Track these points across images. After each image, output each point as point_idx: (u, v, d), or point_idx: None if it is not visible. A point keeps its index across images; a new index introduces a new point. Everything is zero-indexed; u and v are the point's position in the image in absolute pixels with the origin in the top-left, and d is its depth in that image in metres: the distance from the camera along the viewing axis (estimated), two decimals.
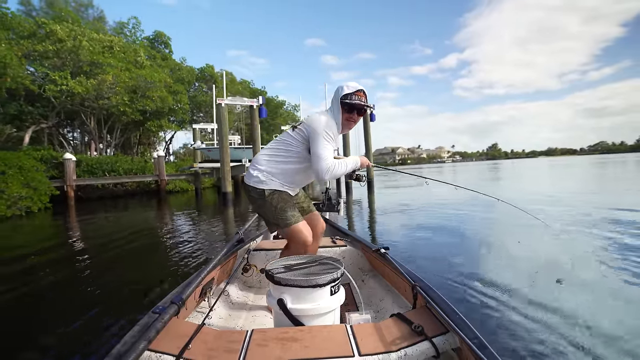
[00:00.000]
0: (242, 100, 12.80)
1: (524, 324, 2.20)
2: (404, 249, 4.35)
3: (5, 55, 11.18)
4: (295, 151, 1.78)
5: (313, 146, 1.72)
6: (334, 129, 1.76)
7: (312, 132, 1.72)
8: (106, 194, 17.83)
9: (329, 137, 1.72)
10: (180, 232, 6.76)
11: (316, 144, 1.71)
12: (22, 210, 10.29)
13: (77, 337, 2.44)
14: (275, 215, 1.79)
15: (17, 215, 10.09)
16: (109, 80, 16.86)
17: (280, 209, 1.78)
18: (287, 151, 1.80)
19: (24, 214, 10.31)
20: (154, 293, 3.10)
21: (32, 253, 5.23)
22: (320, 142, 1.70)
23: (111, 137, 23.06)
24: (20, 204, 10.19)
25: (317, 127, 1.72)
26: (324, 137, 1.70)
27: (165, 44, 29.87)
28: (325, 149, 1.71)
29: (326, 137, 1.71)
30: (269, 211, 1.80)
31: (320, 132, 1.71)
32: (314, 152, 1.72)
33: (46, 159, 15.18)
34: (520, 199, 9.10)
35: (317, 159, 1.71)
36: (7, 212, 9.63)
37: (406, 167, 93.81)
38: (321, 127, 1.71)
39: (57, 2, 25.51)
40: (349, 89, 1.78)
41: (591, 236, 4.49)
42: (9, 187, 10.03)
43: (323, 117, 1.76)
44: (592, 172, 21.78)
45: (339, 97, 1.78)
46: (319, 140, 1.71)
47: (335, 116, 1.80)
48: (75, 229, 7.79)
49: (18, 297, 3.38)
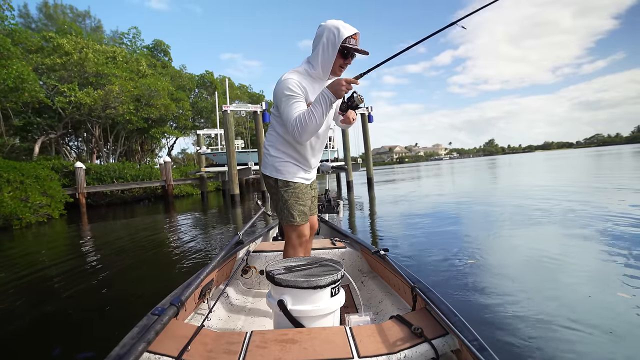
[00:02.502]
0: (247, 107, 13.44)
1: (524, 325, 2.18)
2: (403, 249, 4.38)
3: (22, 70, 11.80)
4: (282, 122, 1.66)
5: (281, 111, 1.58)
6: (300, 84, 1.55)
7: (277, 96, 1.58)
8: (114, 200, 18.38)
9: (292, 92, 1.53)
10: (194, 233, 7.21)
11: (280, 110, 1.58)
12: (45, 217, 10.89)
13: (87, 336, 2.51)
14: (282, 208, 1.72)
15: (40, 221, 10.69)
16: (115, 90, 17.47)
17: (289, 204, 1.71)
18: (279, 125, 1.68)
19: (45, 221, 10.92)
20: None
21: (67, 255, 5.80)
22: (284, 103, 1.54)
23: (115, 145, 23.65)
24: (41, 211, 10.78)
25: (276, 93, 1.57)
26: (287, 98, 1.54)
27: (164, 52, 30.47)
28: (288, 108, 1.53)
29: (287, 96, 1.54)
30: (278, 203, 1.75)
31: (280, 96, 1.55)
32: (282, 117, 1.58)
33: (57, 168, 15.77)
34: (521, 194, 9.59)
35: (287, 123, 1.56)
36: (32, 218, 10.23)
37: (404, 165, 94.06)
38: (279, 90, 1.55)
39: (56, 14, 26.13)
40: (346, 30, 1.51)
41: (597, 233, 4.40)
42: (30, 195, 10.63)
43: (283, 76, 1.57)
44: (588, 164, 22.11)
45: (337, 40, 1.51)
46: (281, 105, 1.56)
47: (324, 62, 1.57)
48: (92, 234, 8.28)
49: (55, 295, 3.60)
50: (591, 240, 4.12)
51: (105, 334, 2.48)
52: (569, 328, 2.12)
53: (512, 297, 2.64)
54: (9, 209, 9.52)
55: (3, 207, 9.38)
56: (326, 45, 1.54)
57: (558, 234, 4.60)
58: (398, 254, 4.15)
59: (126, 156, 26.02)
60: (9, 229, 9.43)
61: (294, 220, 1.72)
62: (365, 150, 17.99)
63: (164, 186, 18.30)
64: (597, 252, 3.67)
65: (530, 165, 28.61)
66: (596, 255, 3.59)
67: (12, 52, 12.12)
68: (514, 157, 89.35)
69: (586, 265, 3.28)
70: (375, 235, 5.63)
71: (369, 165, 17.36)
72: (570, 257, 3.56)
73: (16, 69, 11.53)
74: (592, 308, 2.40)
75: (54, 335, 2.54)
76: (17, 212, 9.70)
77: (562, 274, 3.08)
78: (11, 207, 9.59)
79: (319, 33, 1.56)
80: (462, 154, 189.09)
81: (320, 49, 1.56)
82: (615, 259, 3.35)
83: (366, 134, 17.41)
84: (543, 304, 2.48)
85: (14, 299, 3.53)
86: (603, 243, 3.94)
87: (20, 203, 10.06)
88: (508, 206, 7.09)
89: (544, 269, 3.24)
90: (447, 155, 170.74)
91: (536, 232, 4.81)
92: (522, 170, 22.99)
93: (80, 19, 28.57)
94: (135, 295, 3.38)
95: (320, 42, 1.56)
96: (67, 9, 27.53)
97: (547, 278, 3.00)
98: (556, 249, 3.85)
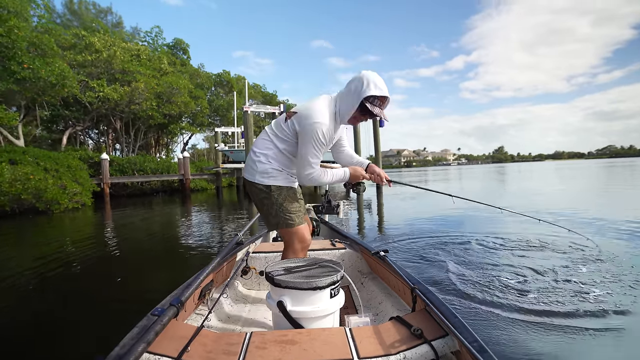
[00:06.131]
0: (265, 108, 14.26)
1: (524, 327, 2.18)
2: (404, 249, 4.40)
3: (64, 69, 12.80)
4: (291, 142, 1.66)
5: (301, 146, 1.60)
6: (330, 133, 1.59)
7: (304, 133, 1.57)
8: (135, 192, 19.30)
9: (321, 144, 1.57)
10: (215, 225, 7.78)
11: (305, 146, 1.59)
12: (79, 203, 11.85)
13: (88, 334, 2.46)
14: (278, 212, 1.69)
15: (75, 207, 11.66)
16: (140, 87, 18.47)
17: (285, 207, 1.69)
18: (284, 141, 1.66)
19: (79, 207, 11.88)
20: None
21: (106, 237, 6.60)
22: (309, 147, 1.57)
23: (135, 138, 24.71)
24: (75, 198, 11.74)
25: (309, 131, 1.55)
26: (313, 145, 1.56)
27: (183, 51, 31.53)
28: (312, 155, 1.59)
29: (316, 145, 1.57)
30: (272, 208, 1.69)
31: (311, 138, 1.55)
32: (300, 152, 1.61)
33: (84, 159, 16.79)
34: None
35: (301, 161, 1.61)
36: (70, 204, 11.19)
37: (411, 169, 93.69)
38: (314, 133, 1.54)
39: (80, 10, 27.31)
40: (377, 90, 1.53)
41: (600, 237, 4.46)
42: (66, 183, 11.59)
43: (319, 117, 1.55)
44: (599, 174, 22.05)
45: (361, 94, 1.53)
46: (308, 145, 1.57)
47: (344, 108, 1.59)
48: (121, 220, 9.09)
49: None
50: (591, 242, 4.12)
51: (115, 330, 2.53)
52: (569, 329, 2.12)
53: (512, 298, 2.64)
54: (51, 195, 10.47)
55: (46, 193, 10.33)
56: (352, 92, 1.57)
57: (560, 236, 4.66)
58: (399, 254, 4.19)
59: (143, 150, 27.10)
60: (49, 213, 10.42)
61: (292, 222, 1.71)
62: (375, 154, 18.68)
63: (181, 180, 19.21)
64: (598, 254, 3.67)
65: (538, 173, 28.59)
66: (598, 256, 3.58)
67: (55, 51, 13.14)
68: (522, 165, 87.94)
69: (586, 266, 3.29)
70: (382, 233, 5.69)
71: None
72: (569, 257, 3.60)
73: (58, 67, 12.55)
74: (592, 309, 2.37)
75: (52, 336, 2.46)
76: (58, 198, 10.66)
77: (563, 276, 3.08)
78: (53, 193, 10.54)
79: (354, 78, 1.60)
80: (470, 160, 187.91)
81: (346, 93, 1.59)
82: (623, 261, 3.38)
83: (377, 137, 18.08)
84: (543, 305, 2.47)
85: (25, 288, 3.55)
86: (605, 246, 3.94)
87: (59, 190, 11.01)
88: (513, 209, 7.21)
89: (544, 270, 3.24)
90: (455, 161, 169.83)
91: (537, 234, 4.88)
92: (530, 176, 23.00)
93: (102, 14, 29.81)
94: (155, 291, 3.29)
95: (349, 87, 1.59)
96: (91, 5, 28.83)
97: (547, 280, 3.01)
98: (557, 251, 3.88)
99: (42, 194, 10.26)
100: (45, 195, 10.29)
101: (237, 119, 22.55)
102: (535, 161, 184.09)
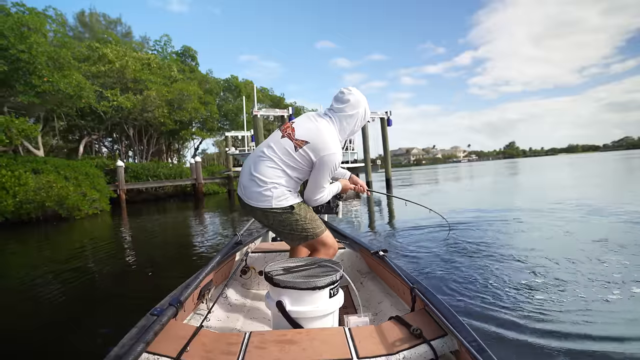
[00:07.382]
0: (275, 111, 14.54)
1: (524, 327, 2.19)
2: (403, 250, 4.40)
3: (81, 80, 13.33)
4: (304, 170, 1.68)
5: (317, 174, 1.67)
6: (340, 160, 1.72)
7: (322, 164, 1.63)
8: (149, 197, 19.86)
9: (335, 170, 1.69)
10: (228, 226, 8.08)
11: (321, 174, 1.67)
12: (98, 209, 12.31)
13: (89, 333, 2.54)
14: (304, 226, 1.70)
15: (94, 213, 12.12)
16: (152, 95, 18.98)
17: (309, 218, 1.72)
18: (296, 170, 1.67)
19: (98, 213, 12.33)
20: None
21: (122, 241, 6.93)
22: (325, 175, 1.67)
23: (148, 145, 25.33)
24: (95, 204, 12.20)
25: (328, 162, 1.63)
26: (329, 173, 1.68)
27: (192, 58, 32.15)
28: (326, 181, 1.70)
29: (331, 172, 1.68)
30: (297, 225, 1.69)
31: (329, 168, 1.65)
32: (316, 180, 1.69)
33: (100, 166, 17.34)
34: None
35: (314, 187, 1.71)
36: (90, 210, 11.66)
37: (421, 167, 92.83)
38: (332, 164, 1.64)
39: (91, 22, 28.15)
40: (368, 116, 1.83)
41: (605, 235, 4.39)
42: (86, 191, 12.07)
43: (335, 148, 1.64)
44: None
45: (365, 118, 1.77)
46: (325, 174, 1.67)
47: (349, 130, 1.74)
48: (137, 225, 9.43)
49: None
50: (595, 241, 4.12)
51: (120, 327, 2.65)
52: (569, 330, 2.13)
53: (511, 298, 2.63)
54: (72, 202, 10.93)
55: (68, 200, 10.79)
56: (360, 120, 1.74)
57: (561, 235, 4.68)
58: (399, 254, 4.18)
59: (155, 156, 27.73)
60: (71, 220, 10.88)
61: (320, 229, 1.75)
62: (384, 153, 18.82)
63: (194, 184, 19.65)
64: (603, 254, 3.62)
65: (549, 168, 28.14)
66: (602, 257, 3.52)
67: (73, 63, 13.68)
68: (534, 160, 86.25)
69: (586, 267, 3.26)
70: (385, 234, 5.77)
71: (387, 167, 18.19)
72: (570, 257, 3.55)
73: (75, 79, 13.08)
74: (592, 310, 2.37)
75: (54, 335, 2.54)
76: (79, 205, 11.12)
77: (562, 275, 3.07)
78: (74, 200, 11.00)
79: (357, 103, 1.71)
80: (481, 156, 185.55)
81: (354, 120, 1.72)
82: (623, 261, 3.36)
83: (385, 137, 18.22)
84: (543, 306, 2.47)
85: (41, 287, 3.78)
86: (608, 247, 3.90)
87: (80, 197, 11.47)
88: (516, 210, 7.13)
89: (544, 270, 3.23)
90: (465, 158, 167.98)
91: (537, 234, 4.87)
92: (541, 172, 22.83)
93: (112, 25, 30.69)
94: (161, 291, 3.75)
95: (356, 114, 1.71)
96: (101, 16, 29.72)
97: (547, 280, 2.99)
98: (558, 251, 3.84)
99: (64, 201, 10.74)
100: (67, 202, 10.77)
101: (247, 123, 22.94)
102: (548, 155, 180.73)
